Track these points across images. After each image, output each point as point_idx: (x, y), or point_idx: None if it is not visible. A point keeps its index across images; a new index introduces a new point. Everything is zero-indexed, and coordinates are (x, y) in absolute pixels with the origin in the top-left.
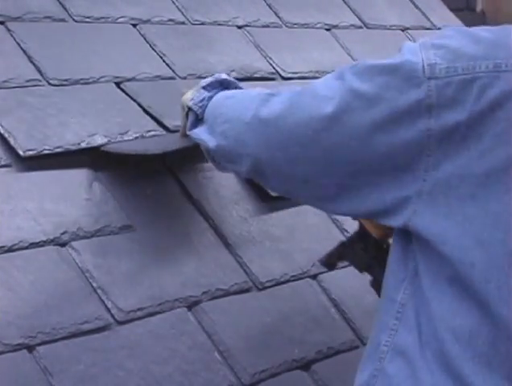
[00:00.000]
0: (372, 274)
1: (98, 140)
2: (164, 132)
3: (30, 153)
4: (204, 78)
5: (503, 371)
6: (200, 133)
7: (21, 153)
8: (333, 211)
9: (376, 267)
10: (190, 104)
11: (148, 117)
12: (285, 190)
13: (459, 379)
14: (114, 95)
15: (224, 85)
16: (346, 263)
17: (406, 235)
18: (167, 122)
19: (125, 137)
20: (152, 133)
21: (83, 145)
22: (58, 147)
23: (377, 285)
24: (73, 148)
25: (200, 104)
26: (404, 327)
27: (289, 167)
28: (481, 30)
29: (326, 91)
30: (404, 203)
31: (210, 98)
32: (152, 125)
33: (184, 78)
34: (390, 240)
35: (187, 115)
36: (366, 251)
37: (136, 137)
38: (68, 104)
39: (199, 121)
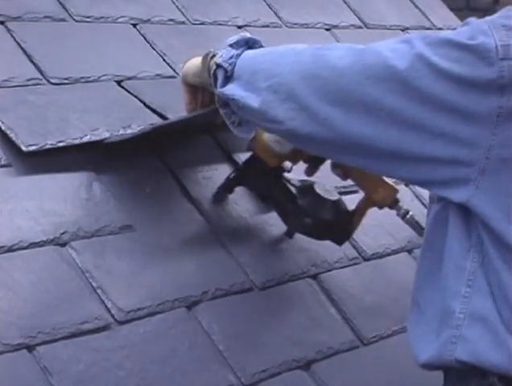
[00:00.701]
0: (273, 198)
1: (101, 134)
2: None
3: (33, 148)
4: None
5: None
6: (236, 90)
7: (23, 148)
8: (387, 174)
9: (275, 191)
10: (219, 60)
11: (150, 112)
12: (331, 151)
13: None
14: (115, 92)
15: (249, 44)
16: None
17: (466, 208)
18: (170, 116)
19: (128, 131)
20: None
21: (85, 139)
22: (60, 141)
23: (278, 208)
24: (76, 142)
25: (230, 61)
26: (478, 294)
27: (345, 125)
28: None
29: (392, 52)
30: (463, 179)
31: (238, 56)
32: (155, 118)
33: None
34: (287, 164)
35: (214, 74)
36: (265, 178)
37: (139, 130)
38: (69, 101)
39: (228, 78)
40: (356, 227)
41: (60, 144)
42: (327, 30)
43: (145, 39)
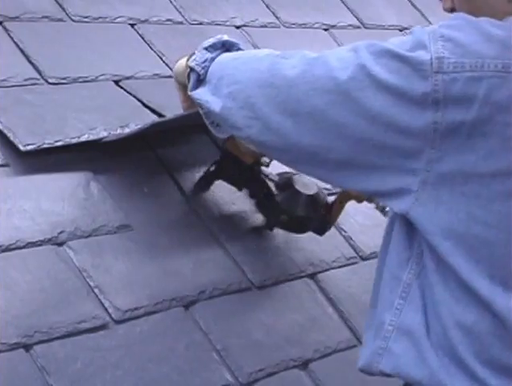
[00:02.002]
0: (250, 190)
1: (99, 133)
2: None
3: (31, 147)
4: None
5: (504, 358)
6: (203, 94)
7: (21, 147)
8: (333, 184)
9: (252, 187)
10: (192, 64)
11: (148, 111)
12: (287, 160)
13: (462, 365)
14: (113, 92)
15: (226, 46)
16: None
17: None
18: (168, 115)
19: (126, 130)
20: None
21: (83, 138)
22: (58, 141)
23: (256, 203)
24: (74, 141)
25: (203, 65)
26: (410, 307)
27: (296, 136)
28: (492, 27)
29: (338, 62)
30: (406, 190)
31: (213, 59)
32: (153, 117)
33: None
34: (264, 159)
35: (188, 76)
36: (241, 173)
37: None
38: (67, 100)
39: (201, 82)
40: (335, 219)
41: (58, 143)
42: (325, 30)
43: (143, 39)
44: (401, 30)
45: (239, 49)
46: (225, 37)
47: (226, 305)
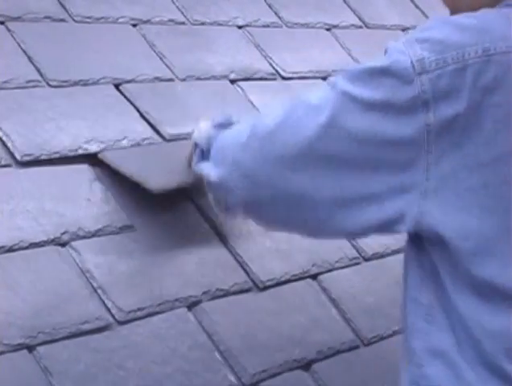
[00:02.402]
0: None
1: (94, 147)
2: (160, 139)
3: (28, 158)
4: (203, 80)
5: None
6: (204, 167)
7: (18, 158)
8: (335, 232)
9: None
10: (197, 140)
11: (145, 123)
12: (277, 215)
13: (499, 373)
14: (113, 98)
15: (224, 126)
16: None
17: (417, 235)
18: (163, 130)
19: (123, 142)
20: (148, 141)
21: (80, 151)
22: (55, 153)
23: None
24: (71, 154)
25: (208, 142)
26: (437, 329)
27: (284, 183)
28: (463, 17)
29: (318, 100)
30: (407, 208)
31: (215, 137)
32: (149, 132)
33: (183, 80)
34: None
35: (194, 150)
36: None
37: (132, 145)
38: (66, 107)
39: (204, 157)
40: None
41: (55, 155)
42: (327, 30)
43: (145, 39)
44: (403, 30)
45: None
46: (234, 117)
47: (229, 306)
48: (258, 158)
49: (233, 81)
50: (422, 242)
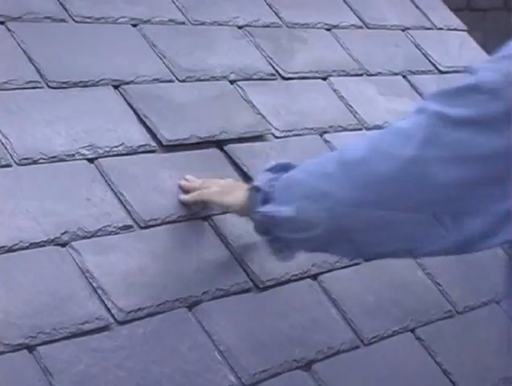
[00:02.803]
0: None
1: (91, 153)
2: (157, 146)
3: (26, 162)
4: (203, 81)
5: None
6: (273, 208)
7: (17, 161)
8: (438, 251)
9: None
10: (258, 184)
11: (143, 129)
12: (370, 242)
13: None
14: (112, 101)
15: (285, 169)
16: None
17: None
18: (160, 136)
19: (120, 149)
20: (144, 148)
21: (77, 156)
22: (53, 157)
23: None
24: (68, 159)
25: (270, 184)
26: None
27: (377, 208)
28: None
29: (409, 124)
30: (507, 217)
31: (276, 179)
32: (146, 138)
33: (183, 81)
34: None
35: (250, 198)
36: None
37: (128, 152)
38: (66, 110)
39: (266, 200)
40: None
41: (53, 160)
42: (327, 30)
43: (145, 39)
44: (403, 30)
45: (293, 167)
46: (286, 161)
47: (229, 306)
48: (347, 185)
49: (232, 81)
50: None
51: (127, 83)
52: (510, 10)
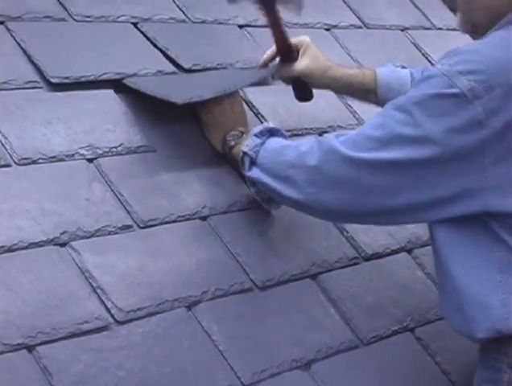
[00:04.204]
0: None
1: (89, 153)
2: (154, 151)
3: (25, 162)
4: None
5: None
6: (261, 176)
7: (16, 160)
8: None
9: None
10: (245, 149)
11: (141, 133)
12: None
13: None
14: (111, 101)
15: (271, 132)
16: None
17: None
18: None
19: (119, 149)
20: (142, 149)
21: (76, 156)
22: (52, 157)
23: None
24: (68, 159)
25: (255, 150)
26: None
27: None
28: (492, 48)
29: (397, 123)
30: (470, 193)
31: (262, 144)
32: (144, 141)
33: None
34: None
35: (242, 159)
36: None
37: (127, 152)
38: (65, 110)
39: (253, 163)
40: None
41: (52, 160)
42: (326, 30)
43: (146, 37)
44: (402, 30)
45: (282, 134)
46: (271, 124)
47: (229, 306)
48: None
49: None
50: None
51: (130, 76)
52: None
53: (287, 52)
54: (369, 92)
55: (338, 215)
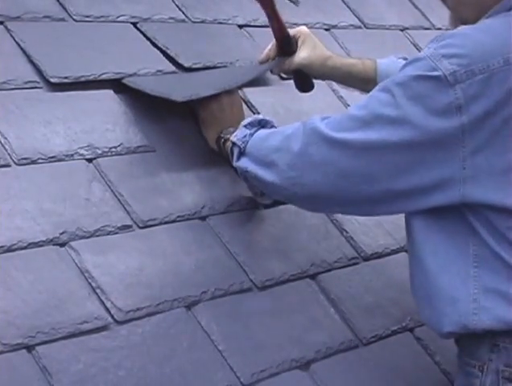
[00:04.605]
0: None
1: (89, 153)
2: (154, 151)
3: (24, 162)
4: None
5: None
6: (248, 163)
7: (15, 161)
8: (384, 213)
9: None
10: (234, 139)
11: (141, 134)
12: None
13: None
14: (111, 101)
15: (261, 124)
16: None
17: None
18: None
19: (119, 149)
20: (142, 149)
21: (76, 156)
22: (52, 157)
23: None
24: (67, 159)
25: (243, 140)
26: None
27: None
28: (479, 32)
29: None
30: (448, 183)
31: (251, 135)
32: (144, 141)
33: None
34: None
35: (231, 150)
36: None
37: (126, 152)
38: (65, 110)
39: (241, 154)
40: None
41: (51, 160)
42: (326, 30)
43: (145, 37)
44: (402, 30)
45: (272, 126)
46: (261, 116)
47: (228, 306)
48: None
49: None
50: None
51: (130, 75)
52: None
53: (287, 43)
54: (368, 82)
55: (319, 201)
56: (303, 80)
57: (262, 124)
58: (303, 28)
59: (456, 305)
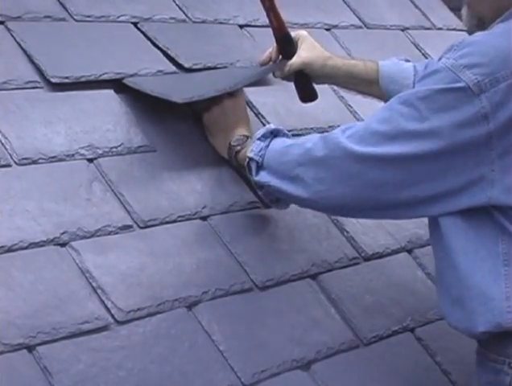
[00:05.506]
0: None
1: (90, 153)
2: (155, 151)
3: (25, 162)
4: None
5: None
6: (266, 177)
7: (16, 160)
8: (414, 217)
9: None
10: (251, 155)
11: (141, 134)
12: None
13: None
14: (112, 101)
15: (274, 133)
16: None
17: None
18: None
19: (120, 149)
20: (142, 149)
21: (76, 156)
22: (52, 157)
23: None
24: (68, 159)
25: (260, 154)
26: None
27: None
28: (497, 38)
29: (401, 116)
30: (477, 186)
31: (267, 147)
32: (145, 141)
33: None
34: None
35: (248, 165)
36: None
37: (127, 152)
38: (65, 110)
39: (260, 168)
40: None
41: (52, 160)
42: (327, 30)
43: (146, 37)
44: (403, 30)
45: (285, 134)
46: (273, 126)
47: (229, 306)
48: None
49: None
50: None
51: (131, 76)
52: None
53: (287, 42)
54: (371, 84)
55: (348, 210)
56: (306, 87)
57: (275, 133)
58: (302, 31)
59: (490, 303)
